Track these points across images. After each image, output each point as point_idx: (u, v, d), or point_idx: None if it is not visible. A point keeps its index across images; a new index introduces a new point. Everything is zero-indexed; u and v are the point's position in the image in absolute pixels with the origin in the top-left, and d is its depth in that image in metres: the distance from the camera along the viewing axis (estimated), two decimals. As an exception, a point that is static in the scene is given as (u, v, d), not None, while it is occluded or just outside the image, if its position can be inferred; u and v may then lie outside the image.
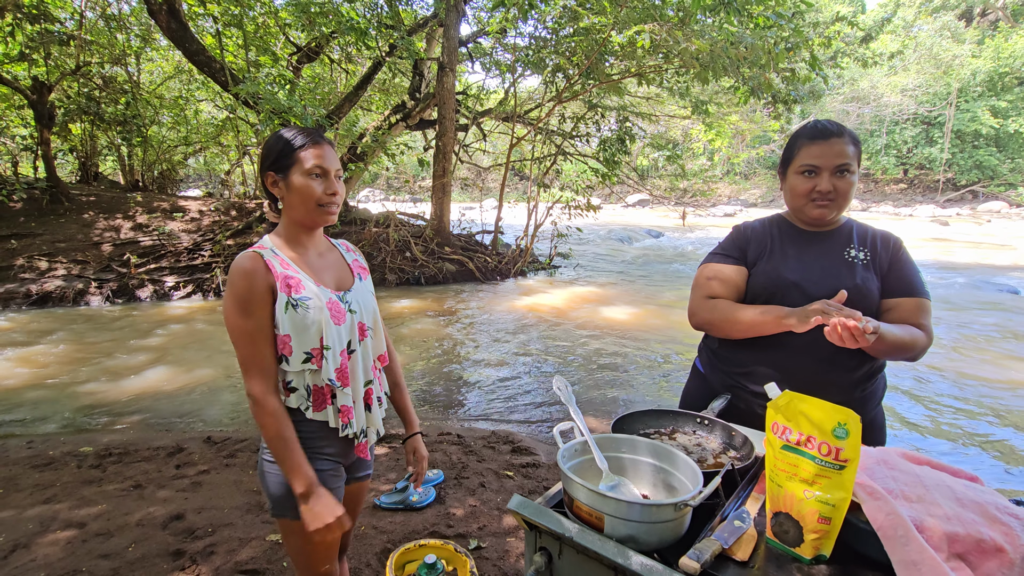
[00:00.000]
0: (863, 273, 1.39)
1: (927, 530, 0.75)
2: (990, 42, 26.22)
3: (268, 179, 1.28)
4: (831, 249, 1.43)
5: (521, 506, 0.93)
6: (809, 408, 0.84)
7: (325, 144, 1.28)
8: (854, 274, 1.38)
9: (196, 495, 2.64)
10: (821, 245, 1.44)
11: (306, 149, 1.25)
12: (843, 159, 1.34)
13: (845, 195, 1.37)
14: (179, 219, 9.16)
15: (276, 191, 1.28)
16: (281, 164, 1.25)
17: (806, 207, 1.41)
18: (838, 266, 1.40)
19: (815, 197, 1.38)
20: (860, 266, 1.40)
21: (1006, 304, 7.41)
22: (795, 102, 8.12)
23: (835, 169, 1.35)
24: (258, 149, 12.36)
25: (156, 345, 5.37)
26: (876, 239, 1.44)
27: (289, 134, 1.26)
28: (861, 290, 1.36)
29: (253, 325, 1.18)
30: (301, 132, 1.27)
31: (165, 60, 12.86)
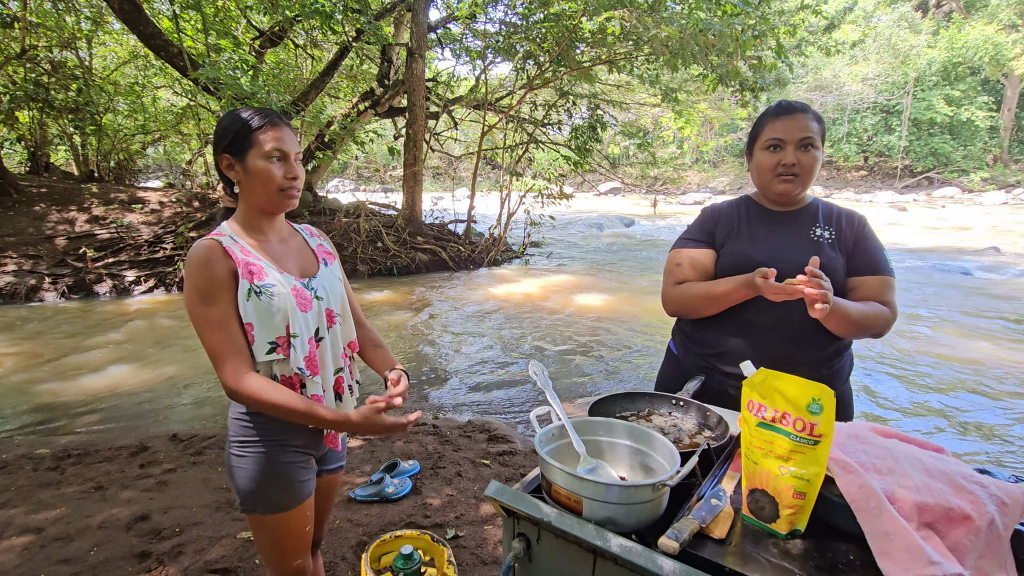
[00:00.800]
0: (829, 252, 1.41)
1: (898, 501, 0.76)
2: (944, 33, 27.11)
3: (223, 162, 1.21)
4: (797, 228, 1.44)
5: (498, 492, 0.92)
6: (784, 385, 0.84)
7: (284, 125, 1.22)
8: (819, 253, 1.40)
9: (162, 495, 2.55)
10: (788, 224, 1.45)
11: (264, 131, 1.18)
12: (807, 132, 1.37)
13: (809, 169, 1.38)
14: (138, 211, 8.80)
15: (232, 175, 1.22)
16: (238, 146, 1.19)
17: (772, 183, 1.42)
18: (804, 245, 1.42)
19: (780, 171, 1.39)
20: (826, 245, 1.42)
21: (961, 284, 7.73)
22: (761, 90, 8.24)
23: (799, 143, 1.37)
24: (220, 137, 11.96)
25: (117, 341, 5.17)
26: (841, 217, 1.46)
27: (245, 114, 1.20)
28: (826, 268, 1.37)
29: (218, 312, 1.13)
30: (258, 112, 1.21)
31: (119, 44, 12.26)
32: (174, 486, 2.63)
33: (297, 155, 1.24)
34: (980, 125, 25.78)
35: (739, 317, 1.41)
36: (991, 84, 26.80)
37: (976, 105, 25.93)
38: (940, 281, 8.03)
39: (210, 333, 1.13)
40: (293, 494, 1.25)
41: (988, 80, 26.55)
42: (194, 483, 2.65)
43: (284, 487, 1.24)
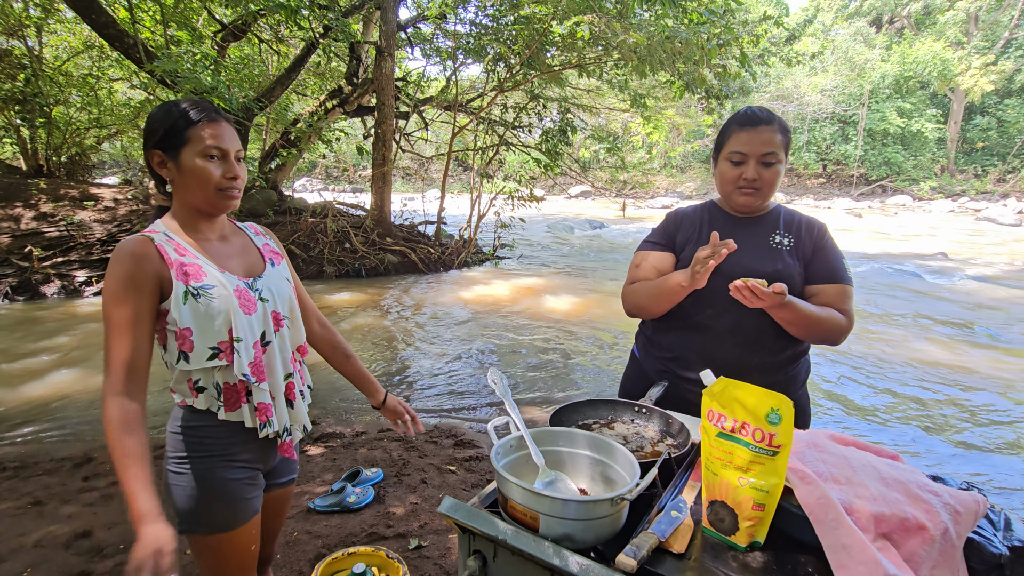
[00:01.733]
0: (787, 259, 1.43)
1: (855, 512, 0.75)
2: (896, 48, 28.37)
3: (154, 159, 1.13)
4: (758, 235, 1.46)
5: (452, 509, 0.88)
6: (743, 394, 0.83)
7: (222, 121, 1.14)
8: (776, 260, 1.42)
9: (106, 509, 2.42)
10: (748, 231, 1.46)
11: (201, 126, 1.10)
12: (769, 148, 1.37)
13: (770, 184, 1.40)
14: (91, 208, 8.40)
15: (164, 173, 1.13)
16: (170, 142, 1.10)
17: (733, 194, 1.44)
18: (762, 251, 1.43)
19: (741, 185, 1.41)
20: (785, 252, 1.43)
21: (913, 287, 8.06)
22: (726, 97, 8.43)
23: (761, 157, 1.37)
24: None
25: (63, 345, 4.90)
26: (801, 225, 1.48)
27: (179, 108, 1.11)
28: (782, 275, 1.40)
29: (126, 315, 1.02)
30: (195, 106, 1.12)
31: (72, 34, 11.69)
32: (119, 500, 2.49)
33: (238, 153, 1.16)
34: (929, 136, 27.05)
35: (695, 320, 1.43)
36: (939, 98, 28.16)
37: (925, 117, 27.21)
38: (894, 283, 8.36)
39: (110, 334, 1.03)
40: (237, 512, 1.18)
41: (936, 94, 27.89)
42: (142, 496, 2.52)
43: (227, 505, 1.16)
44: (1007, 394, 4.18)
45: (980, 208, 21.55)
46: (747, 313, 1.37)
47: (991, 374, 4.60)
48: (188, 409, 1.15)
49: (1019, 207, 20.96)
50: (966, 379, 4.49)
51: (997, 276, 9.18)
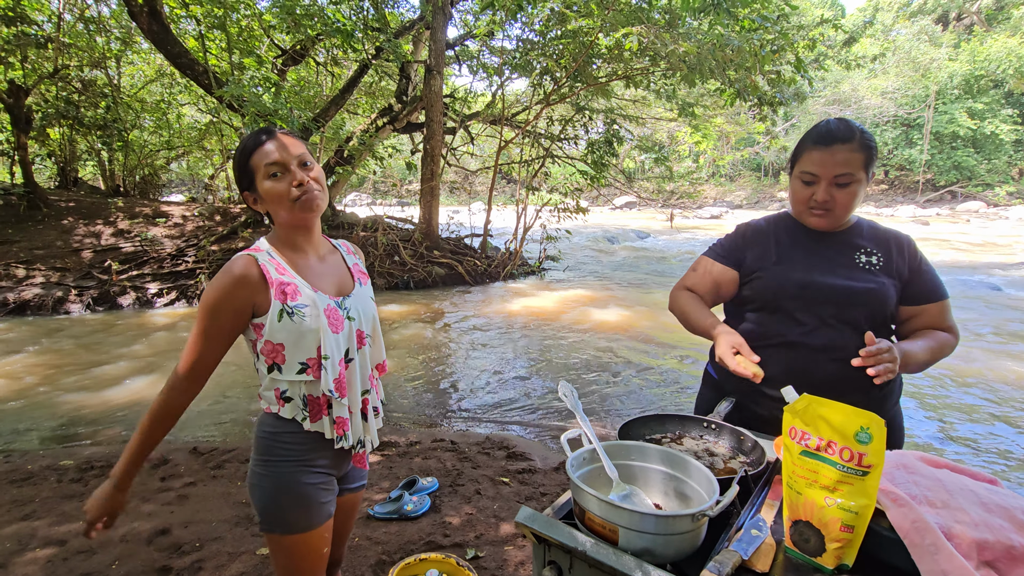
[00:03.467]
0: (878, 277, 1.35)
1: (955, 537, 0.72)
2: (966, 46, 26.81)
3: (248, 200, 1.24)
4: (841, 251, 1.39)
5: (530, 519, 0.89)
6: (829, 412, 0.81)
7: (273, 138, 1.19)
8: (868, 278, 1.35)
9: (182, 508, 2.56)
10: (831, 247, 1.39)
11: (256, 155, 1.18)
12: (843, 169, 1.28)
13: (845, 206, 1.33)
14: (162, 224, 9.00)
15: (258, 207, 1.24)
16: (247, 180, 1.21)
17: (803, 214, 1.39)
18: (849, 269, 1.36)
19: (812, 206, 1.35)
20: (875, 271, 1.36)
21: (994, 300, 7.53)
22: (780, 104, 8.19)
23: (834, 179, 1.30)
24: (243, 153, 12.21)
25: (139, 353, 5.24)
26: (890, 241, 1.40)
27: (239, 149, 1.21)
28: (877, 294, 1.33)
29: (212, 326, 1.15)
30: (250, 138, 1.21)
31: (146, 63, 12.64)
32: (194, 500, 2.63)
33: (300, 158, 1.20)
34: (1004, 138, 25.32)
35: (786, 339, 1.36)
36: (1015, 97, 26.35)
37: (1000, 118, 25.50)
38: (975, 296, 7.83)
39: (195, 335, 1.16)
40: (313, 516, 1.24)
41: (1012, 93, 26.12)
42: (214, 497, 2.66)
43: (304, 508, 1.22)
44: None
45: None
46: (841, 329, 1.33)
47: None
48: (274, 416, 1.22)
49: (1110, 212, 19.27)
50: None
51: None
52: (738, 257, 1.47)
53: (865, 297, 1.33)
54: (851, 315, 1.33)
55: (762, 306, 1.41)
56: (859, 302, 1.33)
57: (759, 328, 1.40)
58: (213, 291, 1.14)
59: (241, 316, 1.15)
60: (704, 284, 1.50)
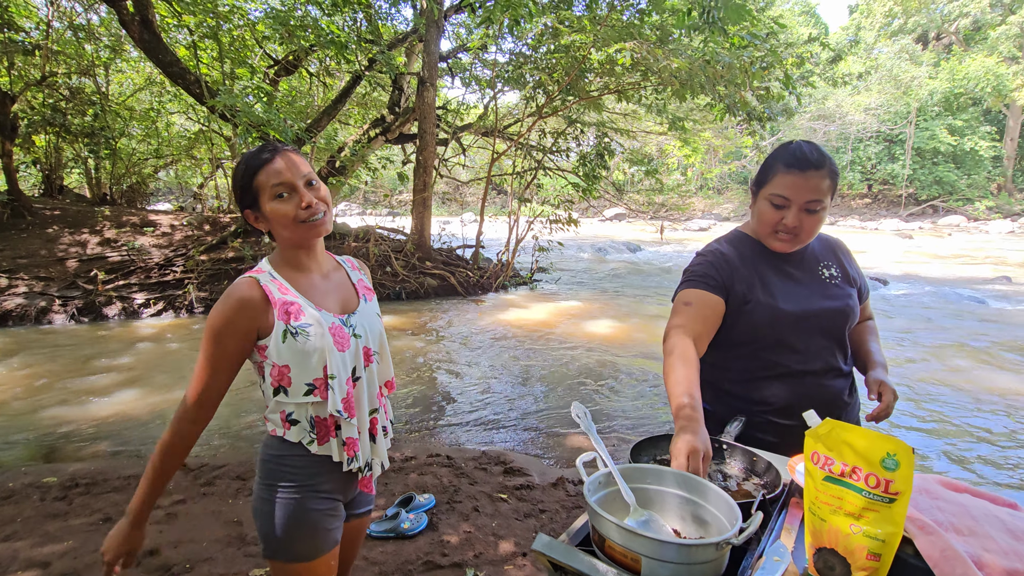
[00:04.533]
0: (844, 289, 1.43)
1: (986, 566, 0.71)
2: (945, 64, 27.53)
3: (249, 218, 1.20)
4: (807, 269, 1.44)
5: (548, 547, 0.87)
6: (853, 437, 0.80)
7: (280, 156, 1.16)
8: (840, 295, 1.42)
9: (172, 528, 2.49)
10: (797, 267, 1.44)
11: (262, 174, 1.14)
12: (815, 195, 1.29)
13: (810, 232, 1.35)
14: (149, 234, 8.87)
15: (260, 226, 1.20)
16: (249, 199, 1.17)
17: (769, 237, 1.39)
18: (822, 287, 1.42)
19: (779, 229, 1.35)
20: (840, 283, 1.44)
21: (978, 313, 7.65)
22: (769, 119, 8.32)
23: (805, 204, 1.30)
24: (232, 162, 12.13)
25: (125, 366, 5.13)
26: (835, 249, 1.50)
27: (242, 166, 1.17)
28: (852, 307, 1.43)
29: (217, 352, 1.11)
30: (253, 156, 1.16)
31: (136, 71, 12.54)
32: (184, 519, 2.56)
33: (307, 178, 1.17)
34: (983, 154, 25.95)
35: (788, 368, 1.38)
36: (993, 114, 27.08)
37: (979, 135, 26.16)
38: (958, 310, 7.95)
39: (201, 363, 1.13)
40: (319, 543, 1.20)
41: (990, 110, 26.85)
42: (204, 515, 2.59)
43: (310, 536, 1.19)
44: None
45: (1042, 228, 20.40)
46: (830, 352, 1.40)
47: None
48: (279, 439, 1.18)
49: (1086, 227, 19.77)
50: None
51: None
52: (726, 286, 1.41)
53: (845, 314, 1.41)
54: (836, 333, 1.41)
55: (757, 339, 1.39)
56: (841, 319, 1.41)
57: (755, 362, 1.40)
58: (216, 317, 1.11)
59: (246, 340, 1.12)
60: (704, 321, 1.38)
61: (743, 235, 1.48)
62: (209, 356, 1.12)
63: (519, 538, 2.42)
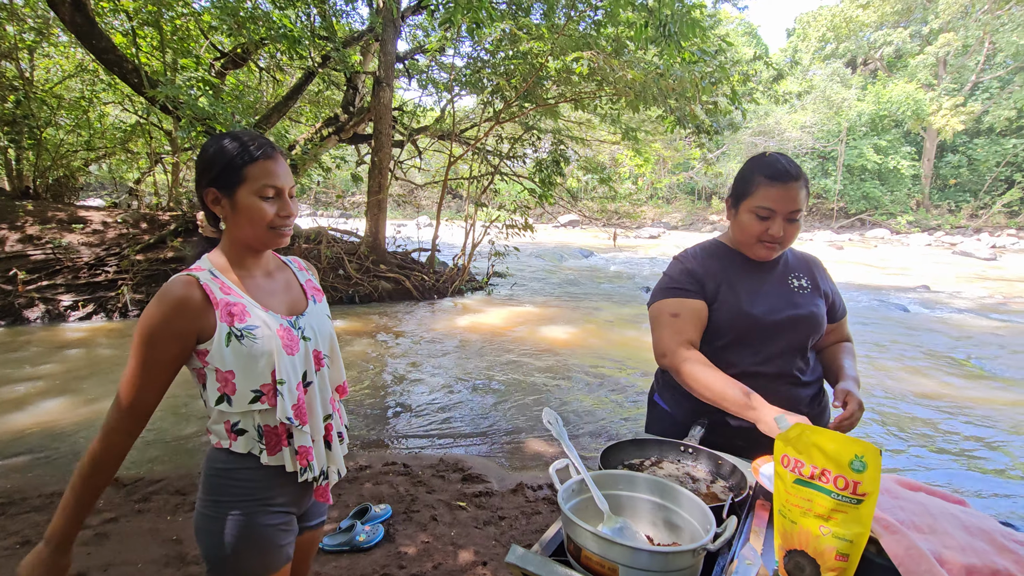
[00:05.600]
0: (813, 299, 1.48)
1: (947, 563, 0.74)
2: (871, 88, 29.60)
3: (208, 196, 1.10)
4: (777, 277, 1.49)
5: (523, 560, 0.85)
6: (823, 440, 0.82)
7: (278, 157, 1.12)
8: (808, 302, 1.47)
9: (102, 549, 2.30)
10: (768, 274, 1.49)
11: (258, 165, 1.08)
12: (796, 205, 1.37)
13: (791, 238, 1.43)
14: (78, 231, 8.25)
15: (218, 210, 1.11)
16: (225, 180, 1.08)
17: (754, 247, 1.44)
18: (789, 294, 1.47)
19: (766, 239, 1.41)
20: (808, 293, 1.48)
21: (901, 319, 8.22)
22: (716, 133, 8.66)
23: (788, 214, 1.38)
24: (173, 157, 11.49)
25: (48, 373, 4.74)
26: (810, 264, 1.56)
27: (234, 145, 1.09)
28: (817, 317, 1.47)
29: (150, 356, 1.02)
30: (251, 142, 1.09)
31: (65, 57, 11.69)
32: (116, 538, 2.37)
33: (291, 189, 1.15)
34: (904, 173, 28.02)
35: (744, 369, 1.41)
36: (913, 136, 29.29)
37: (900, 155, 28.24)
38: (884, 316, 8.51)
39: (133, 370, 1.03)
40: (271, 560, 1.13)
41: (910, 132, 29.02)
42: (139, 535, 2.41)
43: (261, 553, 1.11)
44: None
45: (955, 242, 22.20)
46: (790, 358, 1.44)
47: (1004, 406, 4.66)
48: (225, 452, 1.10)
49: (992, 242, 21.65)
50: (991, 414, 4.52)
51: (980, 308, 9.41)
52: (702, 287, 1.46)
53: (809, 321, 1.45)
54: (798, 340, 1.45)
55: (718, 337, 1.45)
56: (804, 327, 1.45)
57: (719, 359, 1.43)
58: (150, 318, 1.02)
59: (184, 343, 1.04)
60: (695, 326, 1.44)
61: (720, 243, 1.55)
62: (142, 362, 1.02)
63: (479, 547, 2.38)
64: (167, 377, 1.05)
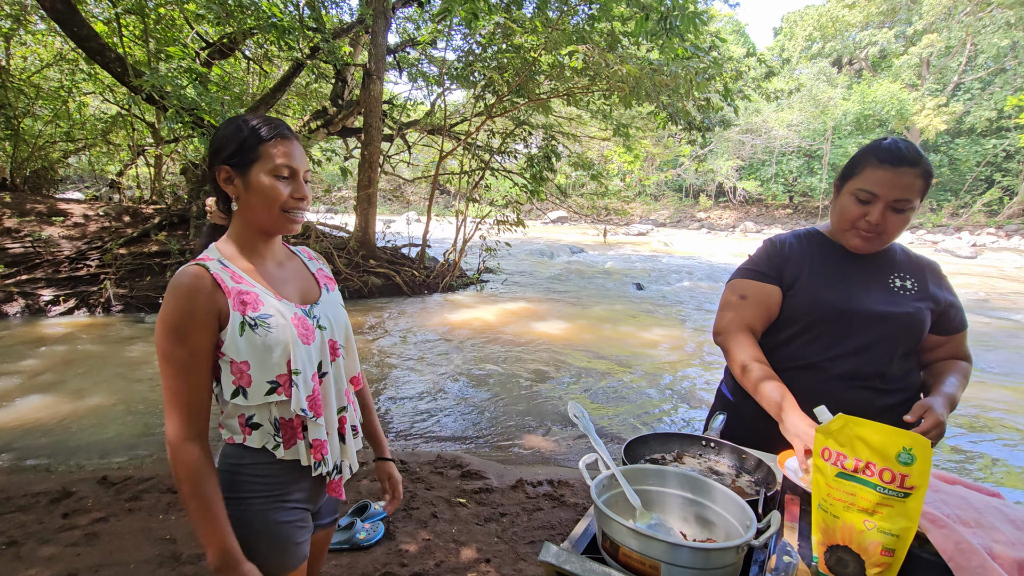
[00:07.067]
0: (914, 302, 1.31)
1: (998, 557, 0.72)
2: (856, 88, 29.98)
3: (221, 174, 1.06)
4: (875, 273, 1.34)
5: (559, 558, 0.81)
6: (867, 432, 0.80)
7: (293, 139, 1.10)
8: (904, 303, 1.31)
9: (92, 549, 2.22)
10: (864, 268, 1.35)
11: (274, 143, 1.05)
12: (905, 193, 1.22)
13: (894, 232, 1.28)
14: (59, 224, 8.04)
15: (230, 190, 1.07)
16: (241, 158, 1.04)
17: (848, 233, 1.32)
18: (884, 293, 1.32)
19: (863, 226, 1.27)
20: (909, 296, 1.32)
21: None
22: (708, 129, 8.70)
23: (893, 202, 1.23)
24: (156, 149, 11.24)
25: (29, 369, 4.60)
26: (923, 267, 1.38)
27: (253, 123, 1.06)
28: (913, 320, 1.30)
29: (186, 354, 0.97)
30: (267, 122, 1.07)
31: (43, 46, 11.35)
32: (106, 538, 2.30)
33: (306, 173, 1.12)
34: (889, 171, 28.44)
35: (807, 360, 1.34)
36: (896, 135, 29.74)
37: (885, 153, 28.64)
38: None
39: (170, 375, 0.97)
40: (288, 558, 1.09)
41: (894, 131, 29.43)
42: (131, 534, 2.33)
43: (279, 551, 1.07)
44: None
45: (937, 240, 22.60)
46: (868, 359, 1.29)
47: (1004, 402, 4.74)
48: (239, 447, 1.06)
49: (973, 240, 22.09)
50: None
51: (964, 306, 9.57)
52: (779, 272, 1.39)
53: (902, 322, 1.29)
54: (884, 341, 1.29)
55: (794, 325, 1.37)
56: (895, 328, 1.29)
57: (786, 349, 1.37)
58: (169, 312, 0.97)
59: (212, 329, 0.99)
60: (760, 313, 1.37)
61: (816, 232, 1.45)
62: (178, 363, 0.97)
63: (481, 544, 2.35)
64: (204, 370, 1.00)
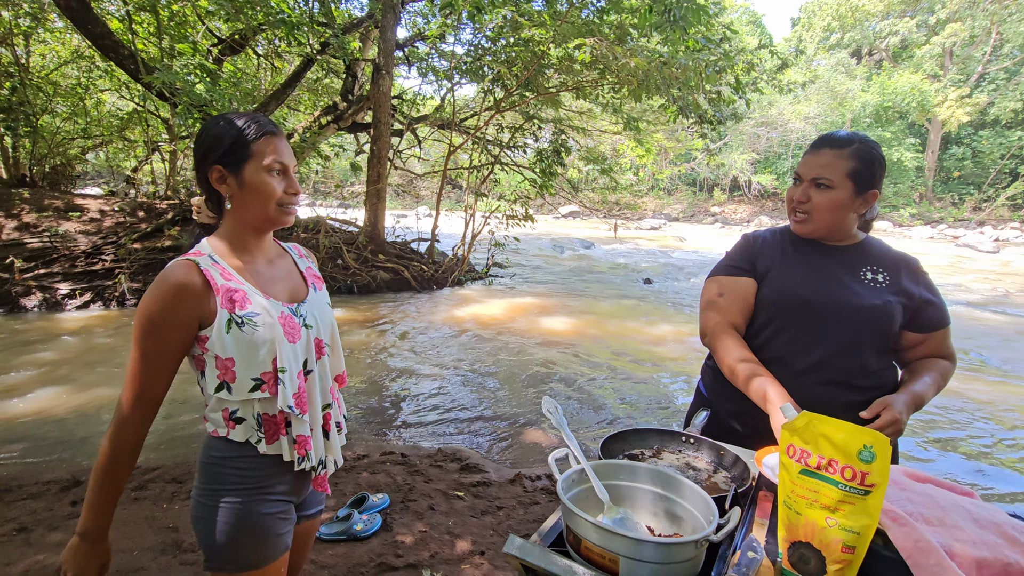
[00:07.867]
0: (884, 295, 1.31)
1: (956, 556, 0.72)
2: (876, 79, 29.38)
3: (213, 174, 1.08)
4: (846, 266, 1.36)
5: (522, 551, 0.82)
6: (831, 430, 0.79)
7: (281, 135, 1.12)
8: (874, 295, 1.31)
9: (98, 537, 2.28)
10: (835, 260, 1.37)
11: (264, 141, 1.08)
12: (822, 172, 1.30)
13: (820, 210, 1.32)
14: (75, 219, 8.21)
15: (223, 189, 1.09)
16: (233, 157, 1.07)
17: (790, 218, 1.41)
18: (854, 283, 1.33)
19: (794, 207, 1.37)
20: (880, 289, 1.32)
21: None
22: (720, 123, 8.58)
23: (813, 180, 1.32)
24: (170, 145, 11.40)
25: (45, 361, 4.72)
26: (898, 262, 1.38)
27: (240, 122, 1.08)
28: (882, 311, 1.29)
29: (155, 346, 1.00)
30: (254, 120, 1.09)
31: (61, 43, 11.56)
32: (112, 526, 2.36)
33: (295, 168, 1.15)
34: (908, 165, 27.86)
35: (774, 353, 1.34)
36: (917, 128, 29.11)
37: (904, 146, 28.06)
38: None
39: (136, 359, 1.02)
40: (269, 549, 1.11)
41: (914, 124, 28.84)
42: (135, 522, 2.40)
43: (260, 542, 1.09)
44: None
45: (958, 235, 22.14)
46: (836, 351, 1.29)
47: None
48: (223, 440, 1.08)
49: (995, 235, 21.59)
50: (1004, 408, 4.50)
51: (984, 302, 9.39)
52: (753, 265, 1.43)
53: (869, 314, 1.29)
54: (853, 333, 1.29)
55: (760, 316, 1.39)
56: (863, 319, 1.29)
57: (756, 341, 1.38)
58: (149, 305, 0.99)
59: (187, 330, 1.02)
60: (740, 307, 1.40)
61: (788, 226, 1.48)
62: (145, 352, 1.01)
63: (476, 536, 2.37)
64: (173, 365, 1.04)
